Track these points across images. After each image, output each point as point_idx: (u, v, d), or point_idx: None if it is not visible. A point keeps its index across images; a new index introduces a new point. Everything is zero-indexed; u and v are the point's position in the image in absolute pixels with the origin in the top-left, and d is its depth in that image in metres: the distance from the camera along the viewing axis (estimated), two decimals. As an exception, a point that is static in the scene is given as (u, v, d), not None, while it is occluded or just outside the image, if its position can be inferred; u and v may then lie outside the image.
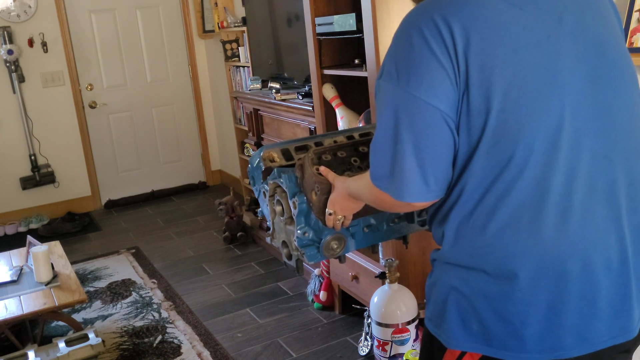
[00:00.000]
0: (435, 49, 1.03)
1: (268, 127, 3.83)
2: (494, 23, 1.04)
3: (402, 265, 2.52)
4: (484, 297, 1.09)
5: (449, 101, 1.04)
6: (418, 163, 1.05)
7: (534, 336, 1.07)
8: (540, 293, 1.06)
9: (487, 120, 1.03)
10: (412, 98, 1.04)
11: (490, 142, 1.04)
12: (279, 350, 2.80)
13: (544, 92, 1.04)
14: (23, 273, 2.98)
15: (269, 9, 3.91)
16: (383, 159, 1.09)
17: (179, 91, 5.57)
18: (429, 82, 1.03)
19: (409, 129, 1.05)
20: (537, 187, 1.04)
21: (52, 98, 4.99)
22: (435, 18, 1.04)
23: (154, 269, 3.89)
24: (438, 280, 1.18)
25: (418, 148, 1.05)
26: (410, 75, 1.04)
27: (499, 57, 1.03)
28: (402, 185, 1.07)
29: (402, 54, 1.06)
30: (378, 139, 1.11)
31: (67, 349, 2.52)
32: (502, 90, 1.02)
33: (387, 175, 1.09)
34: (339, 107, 2.78)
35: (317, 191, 1.39)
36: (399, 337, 2.36)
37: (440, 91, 1.03)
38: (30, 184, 4.98)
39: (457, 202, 1.10)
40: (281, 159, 1.59)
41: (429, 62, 1.03)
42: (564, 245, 1.05)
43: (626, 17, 1.88)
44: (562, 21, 1.07)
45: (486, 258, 1.08)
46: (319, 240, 1.46)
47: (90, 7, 5.09)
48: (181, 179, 5.69)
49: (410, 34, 1.05)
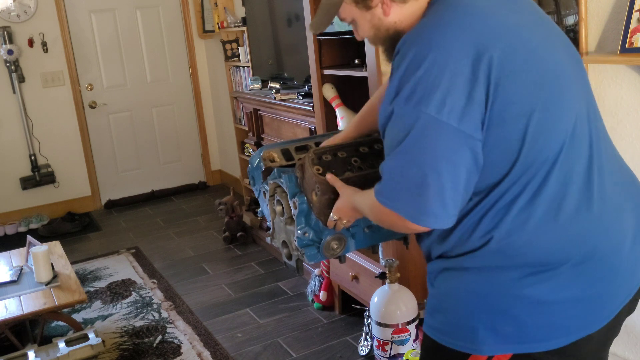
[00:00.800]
0: (464, 72, 1.03)
1: (268, 127, 3.83)
2: (509, 29, 1.09)
3: (402, 266, 2.52)
4: (519, 296, 1.11)
5: (475, 123, 1.04)
6: (440, 189, 1.04)
7: (573, 319, 1.12)
8: (580, 277, 1.11)
9: (528, 123, 1.06)
10: (439, 123, 1.03)
11: (529, 145, 1.07)
12: (279, 350, 2.80)
13: (563, 85, 1.12)
14: (23, 273, 2.98)
15: (269, 9, 3.91)
16: (402, 183, 1.08)
17: (179, 91, 5.57)
18: (457, 107, 1.03)
19: (433, 155, 1.04)
20: (564, 178, 1.10)
21: (52, 98, 4.99)
22: (462, 41, 1.05)
23: (154, 269, 3.89)
24: (455, 290, 1.17)
25: (440, 173, 1.03)
26: (437, 99, 1.03)
27: (522, 60, 1.07)
28: (422, 210, 1.06)
29: (428, 78, 1.04)
30: (396, 163, 1.08)
31: (67, 349, 2.52)
32: (532, 91, 1.07)
33: (406, 199, 1.07)
34: (339, 107, 2.78)
35: (317, 191, 1.39)
36: (399, 337, 2.36)
37: (469, 115, 1.03)
38: (30, 184, 4.98)
39: (492, 208, 1.10)
40: (281, 159, 1.60)
41: (457, 86, 1.03)
42: (594, 228, 1.12)
43: (626, 17, 1.88)
44: (542, 21, 1.19)
45: (527, 255, 1.10)
46: (319, 240, 1.46)
47: (90, 7, 5.09)
48: (181, 179, 5.69)
49: (437, 58, 1.04)
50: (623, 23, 1.89)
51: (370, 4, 1.19)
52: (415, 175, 1.05)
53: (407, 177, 1.06)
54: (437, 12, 1.12)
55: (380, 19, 1.20)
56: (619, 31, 1.92)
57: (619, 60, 1.90)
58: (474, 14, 1.09)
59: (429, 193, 1.04)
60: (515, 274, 1.11)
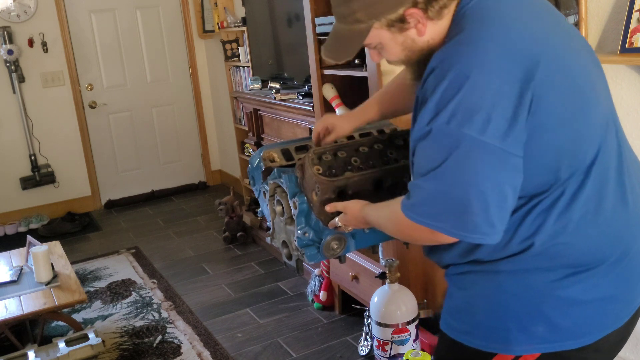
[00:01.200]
0: (510, 92, 1.01)
1: (268, 127, 3.83)
2: (542, 40, 1.07)
3: (402, 266, 2.52)
4: (554, 297, 1.12)
5: (518, 141, 1.03)
6: (485, 208, 1.03)
7: (603, 316, 1.14)
8: (614, 276, 1.13)
9: (566, 131, 1.07)
10: (483, 144, 1.01)
11: (568, 152, 1.08)
12: (279, 350, 2.80)
13: (592, 89, 1.13)
14: (23, 273, 2.98)
15: (269, 9, 3.91)
16: (445, 204, 1.05)
17: (179, 91, 5.57)
18: (501, 126, 1.01)
19: (477, 176, 1.02)
20: (601, 179, 1.11)
21: (52, 98, 4.99)
22: (505, 59, 1.02)
23: (154, 269, 3.89)
24: (486, 291, 1.17)
25: (485, 193, 1.02)
26: (480, 120, 1.01)
27: (557, 69, 1.06)
28: (468, 228, 1.04)
29: (470, 99, 1.02)
30: (438, 184, 1.05)
31: (67, 349, 2.52)
32: (568, 100, 1.07)
33: (450, 219, 1.06)
34: (339, 107, 2.78)
35: (317, 191, 1.39)
36: (399, 337, 2.36)
37: (513, 133, 1.02)
38: (30, 184, 4.98)
39: (529, 213, 1.11)
40: (281, 159, 1.60)
41: (501, 106, 1.01)
42: (628, 226, 1.15)
43: (626, 17, 1.88)
44: (562, 25, 1.17)
45: (567, 257, 1.11)
46: (319, 240, 1.46)
47: (90, 7, 5.08)
48: (181, 179, 5.68)
49: (479, 79, 1.02)
50: (623, 23, 1.89)
51: (407, 25, 1.12)
52: (459, 197, 1.03)
53: (451, 199, 1.04)
54: (471, 27, 1.08)
55: (414, 40, 1.14)
56: (619, 31, 1.92)
57: (619, 60, 1.90)
58: (509, 28, 1.06)
59: (474, 212, 1.03)
60: (553, 275, 1.12)
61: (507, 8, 1.10)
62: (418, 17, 1.10)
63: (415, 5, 1.09)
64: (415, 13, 1.10)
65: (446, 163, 1.04)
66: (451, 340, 1.23)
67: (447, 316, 1.26)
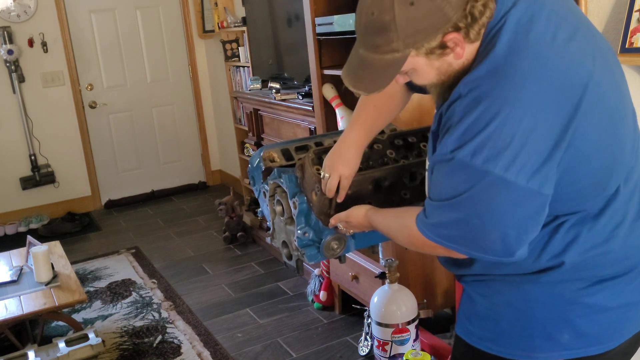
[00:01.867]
0: (548, 132, 0.99)
1: (268, 127, 3.83)
2: (577, 68, 1.02)
3: (402, 265, 2.52)
4: (581, 304, 1.12)
5: (548, 180, 1.01)
6: (504, 237, 1.02)
7: (627, 321, 1.15)
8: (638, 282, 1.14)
9: (600, 158, 1.06)
10: (506, 182, 0.98)
11: (600, 177, 1.08)
12: (279, 350, 2.80)
13: (622, 107, 1.11)
14: (23, 273, 2.98)
15: (269, 9, 3.91)
16: (462, 231, 1.05)
17: (179, 91, 5.57)
18: (530, 165, 0.98)
19: (497, 209, 1.00)
20: (629, 194, 1.12)
21: (52, 98, 4.99)
22: (542, 98, 0.99)
23: (154, 269, 3.89)
24: (510, 299, 1.16)
25: (505, 225, 1.01)
26: (507, 158, 0.98)
27: (593, 98, 1.02)
28: (485, 250, 1.04)
29: (499, 135, 0.98)
30: (457, 214, 1.04)
31: (67, 349, 2.52)
32: (603, 126, 1.05)
33: (466, 243, 1.05)
34: (339, 107, 2.78)
35: (317, 191, 1.39)
36: (399, 337, 2.36)
37: (543, 173, 1.00)
38: (30, 184, 4.98)
39: (557, 231, 1.11)
40: (281, 159, 1.59)
41: (534, 145, 0.98)
42: None
43: (626, 17, 1.88)
44: (594, 36, 1.12)
45: (597, 269, 1.12)
46: (319, 240, 1.46)
47: (90, 7, 5.08)
48: (181, 179, 5.68)
49: (510, 115, 0.98)
50: (623, 23, 1.89)
51: (447, 51, 1.04)
52: (479, 226, 1.02)
53: (470, 227, 1.03)
54: (504, 54, 1.01)
55: (450, 64, 1.07)
56: (619, 31, 1.92)
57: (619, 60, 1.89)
58: (547, 59, 1.00)
59: (493, 241, 1.03)
60: (580, 284, 1.12)
61: (542, 27, 1.02)
62: (458, 40, 1.03)
63: (456, 29, 1.01)
64: (456, 37, 1.02)
65: (467, 194, 1.02)
66: (469, 347, 1.22)
67: (466, 322, 1.24)
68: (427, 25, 1.00)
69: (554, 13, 1.04)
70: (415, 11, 0.98)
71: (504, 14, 1.03)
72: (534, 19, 1.02)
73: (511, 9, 1.03)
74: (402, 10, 0.99)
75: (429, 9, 0.98)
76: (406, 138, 1.57)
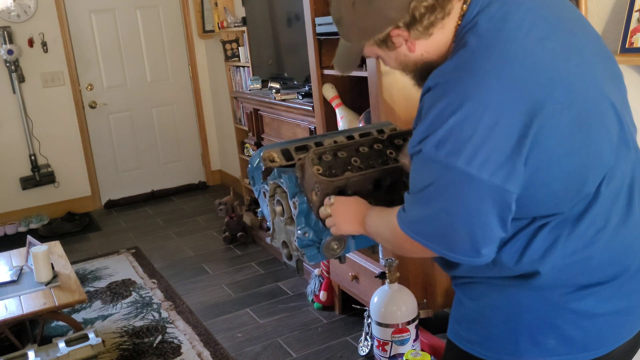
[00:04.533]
0: (509, 127, 0.99)
1: (268, 127, 3.83)
2: (549, 65, 1.03)
3: (402, 265, 2.52)
4: (567, 310, 1.10)
5: (513, 176, 1.00)
6: (471, 233, 1.03)
7: (615, 329, 1.13)
8: (628, 289, 1.13)
9: (571, 162, 1.04)
10: (469, 176, 0.99)
11: (573, 180, 1.06)
12: (279, 350, 2.80)
13: (605, 114, 1.08)
14: (23, 273, 2.98)
15: (269, 9, 3.91)
16: (431, 226, 1.06)
17: (179, 91, 5.57)
18: (493, 160, 0.99)
19: (461, 204, 1.02)
20: (611, 199, 1.10)
21: (52, 98, 4.99)
22: (503, 94, 0.99)
23: (154, 269, 3.89)
24: (497, 303, 1.16)
25: (470, 221, 1.02)
26: (468, 151, 0.99)
27: (565, 100, 1.02)
28: (453, 249, 1.06)
29: (461, 129, 1.00)
30: (423, 208, 1.06)
31: (67, 349, 2.52)
32: (576, 130, 1.03)
33: (436, 239, 1.07)
34: (339, 107, 2.78)
35: (317, 191, 1.39)
36: (399, 337, 2.36)
37: (507, 169, 1.00)
38: (30, 184, 4.98)
39: (536, 236, 1.09)
40: (281, 159, 1.59)
41: (496, 139, 0.99)
42: (634, 234, 1.13)
43: (626, 17, 1.88)
44: (575, 36, 1.11)
45: (579, 277, 1.10)
46: (320, 240, 1.46)
47: (90, 7, 5.08)
48: (181, 179, 5.68)
49: (471, 109, 0.99)
50: (623, 23, 1.89)
51: (395, 45, 1.14)
52: (446, 222, 1.04)
53: (438, 223, 1.05)
54: (472, 50, 1.04)
55: (406, 55, 1.15)
56: (619, 31, 1.92)
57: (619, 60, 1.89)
58: (514, 57, 1.01)
59: (460, 238, 1.03)
60: (566, 289, 1.11)
61: (515, 25, 1.04)
62: (404, 37, 1.11)
63: (399, 27, 1.10)
64: (401, 33, 1.10)
65: (431, 188, 1.04)
66: (459, 350, 1.22)
67: (456, 325, 1.24)
68: (369, 23, 1.12)
69: (531, 11, 1.06)
70: (357, 12, 1.12)
71: (478, 11, 1.06)
72: (508, 16, 1.05)
73: (485, 8, 1.06)
74: (346, 11, 1.14)
75: (368, 11, 1.10)
76: (406, 138, 1.57)
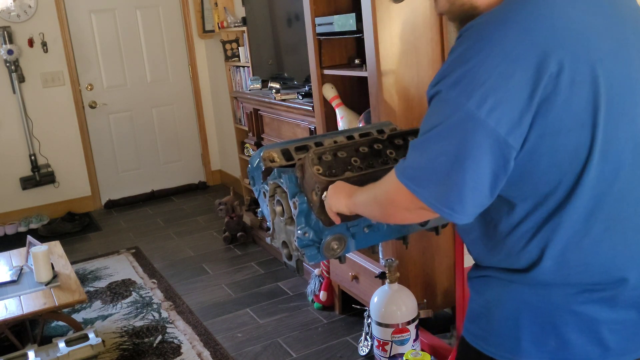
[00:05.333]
0: (521, 78, 0.98)
1: (268, 127, 3.83)
2: (577, 35, 1.03)
3: (402, 265, 2.52)
4: (571, 312, 1.08)
5: (517, 131, 1.00)
6: (461, 185, 1.01)
7: (619, 341, 1.09)
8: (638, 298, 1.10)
9: (580, 138, 1.02)
10: (477, 120, 0.99)
11: (599, 156, 1.04)
12: (279, 350, 2.80)
13: (628, 101, 1.07)
14: (23, 273, 2.98)
15: (269, 9, 3.91)
16: (428, 168, 1.05)
17: (179, 91, 5.57)
18: (502, 109, 0.98)
19: (463, 149, 1.00)
20: (622, 198, 1.07)
21: (52, 98, 4.99)
22: (523, 45, 0.99)
23: (154, 269, 3.89)
24: (502, 298, 1.15)
25: (465, 170, 1.00)
26: (479, 95, 0.99)
27: (584, 71, 1.01)
28: (440, 199, 1.03)
29: (476, 72, 1.00)
30: (427, 147, 1.05)
31: (67, 349, 2.52)
32: (590, 107, 1.02)
33: (428, 185, 1.04)
34: (339, 107, 2.78)
35: (317, 191, 1.39)
36: (399, 337, 2.36)
37: (514, 121, 0.99)
38: (30, 184, 4.98)
39: (544, 224, 1.07)
40: (281, 159, 1.59)
41: (507, 89, 0.98)
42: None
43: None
44: (623, 25, 1.10)
45: (582, 275, 1.08)
46: (320, 240, 1.46)
47: (90, 7, 5.09)
48: (181, 179, 5.69)
49: (490, 56, 1.00)
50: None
51: None
52: (442, 165, 1.02)
53: (434, 164, 1.03)
54: (509, 5, 1.05)
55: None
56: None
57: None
58: (541, 15, 1.02)
59: (450, 185, 1.02)
60: (569, 290, 1.09)
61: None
62: None
63: None
64: None
65: (439, 128, 1.03)
66: (466, 344, 1.21)
67: (467, 321, 1.24)
68: None
69: None
70: None
71: None
72: None
73: None
74: None
75: None
76: (406, 138, 1.57)
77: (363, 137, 1.62)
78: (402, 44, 2.36)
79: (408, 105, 2.43)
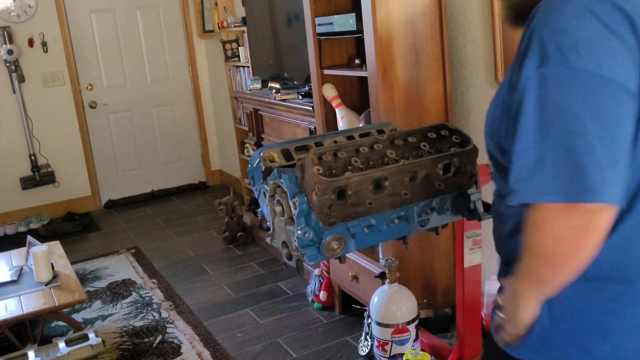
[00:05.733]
0: (615, 29, 0.92)
1: (268, 127, 3.83)
2: None
3: (402, 265, 2.52)
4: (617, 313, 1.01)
5: (636, 80, 0.92)
6: (611, 156, 0.89)
7: None
8: None
9: None
10: (605, 80, 0.90)
11: None
12: (279, 350, 2.80)
13: None
14: (23, 273, 2.98)
15: (269, 9, 3.91)
16: (554, 161, 0.90)
17: (179, 91, 5.57)
18: (615, 62, 0.91)
19: (599, 118, 0.89)
20: None
21: (52, 98, 4.99)
22: (615, 14, 0.93)
23: (154, 269, 3.89)
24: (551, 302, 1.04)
25: (607, 138, 0.89)
26: (592, 54, 0.90)
27: None
28: (583, 186, 0.88)
29: (580, 37, 0.91)
30: (553, 137, 0.90)
31: (67, 349, 2.52)
32: None
33: (559, 180, 0.90)
34: (339, 107, 2.78)
35: (317, 191, 1.39)
36: (399, 337, 2.36)
37: (628, 69, 0.92)
38: (30, 184, 4.98)
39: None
40: (281, 159, 1.60)
41: (612, 43, 0.92)
42: None
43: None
44: None
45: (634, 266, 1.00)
46: (320, 240, 1.46)
47: (90, 7, 5.09)
48: (181, 179, 5.69)
49: (586, 17, 0.93)
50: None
51: None
52: (578, 147, 0.88)
53: (559, 152, 0.89)
54: None
55: None
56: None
57: None
58: None
59: (584, 163, 0.88)
60: (619, 285, 1.01)
61: None
62: None
63: None
64: None
65: (561, 107, 0.90)
66: (496, 347, 1.15)
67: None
68: None
69: None
70: None
71: None
72: None
73: None
74: None
75: None
76: (406, 138, 1.57)
77: (363, 137, 1.62)
78: (402, 44, 2.36)
79: (408, 105, 2.43)
